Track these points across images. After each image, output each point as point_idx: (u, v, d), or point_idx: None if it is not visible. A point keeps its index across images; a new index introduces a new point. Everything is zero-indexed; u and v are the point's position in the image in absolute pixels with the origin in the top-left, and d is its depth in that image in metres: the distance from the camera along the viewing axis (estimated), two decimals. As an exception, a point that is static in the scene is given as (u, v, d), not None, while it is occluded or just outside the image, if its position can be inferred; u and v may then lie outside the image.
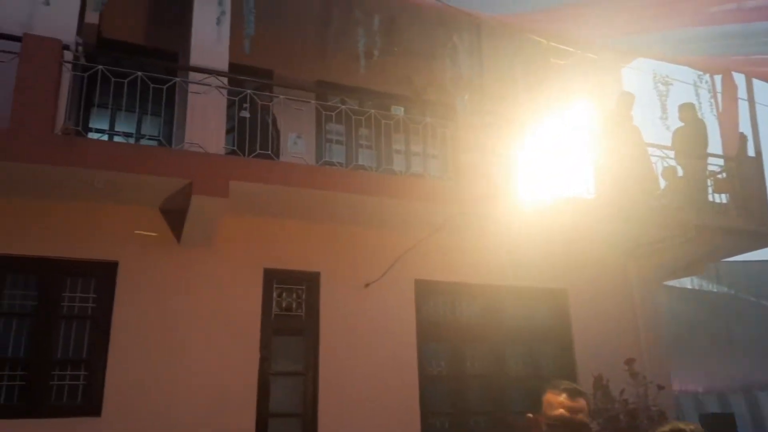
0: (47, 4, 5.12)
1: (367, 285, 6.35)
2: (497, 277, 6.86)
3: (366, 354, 6.16)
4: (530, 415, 2.32)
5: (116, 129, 6.72)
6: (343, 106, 6.43)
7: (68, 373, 5.26)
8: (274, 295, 6.19)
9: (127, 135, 6.68)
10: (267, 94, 6.33)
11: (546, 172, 6.54)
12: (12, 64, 5.06)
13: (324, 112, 6.53)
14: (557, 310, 7.27)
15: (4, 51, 5.10)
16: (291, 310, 6.25)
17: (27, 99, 4.98)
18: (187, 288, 5.71)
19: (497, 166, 6.43)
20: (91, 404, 5.19)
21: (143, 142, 6.86)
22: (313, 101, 6.89)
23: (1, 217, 5.23)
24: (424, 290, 6.65)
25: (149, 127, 6.97)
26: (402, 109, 7.93)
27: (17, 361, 5.14)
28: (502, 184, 6.39)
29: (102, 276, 5.50)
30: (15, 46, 5.14)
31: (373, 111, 6.42)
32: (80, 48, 5.45)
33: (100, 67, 5.39)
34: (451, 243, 6.57)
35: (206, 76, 5.86)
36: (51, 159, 4.92)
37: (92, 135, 6.59)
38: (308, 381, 6.00)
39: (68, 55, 5.38)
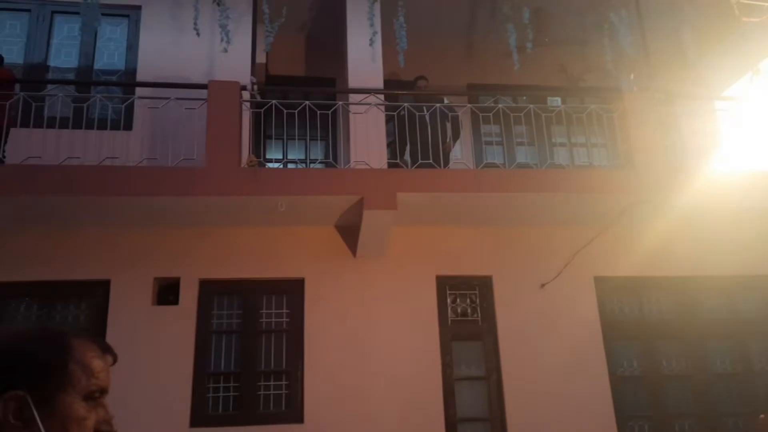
0: (225, 51, 5.70)
1: (542, 285, 6.15)
2: (688, 268, 6.26)
3: (550, 356, 5.95)
4: (763, 416, 2.07)
5: (289, 156, 7.27)
6: (499, 105, 6.33)
7: (272, 383, 5.74)
8: (449, 301, 6.24)
9: (300, 161, 7.20)
10: (422, 104, 6.43)
11: (735, 145, 5.86)
12: (200, 110, 5.71)
13: (480, 114, 6.48)
14: (766, 298, 6.45)
15: (193, 99, 5.76)
16: (466, 315, 6.25)
17: (217, 139, 5.58)
18: (366, 299, 5.96)
19: (675, 146, 5.90)
20: (294, 412, 5.60)
21: (313, 165, 7.34)
22: (467, 104, 6.90)
23: (205, 247, 5.88)
24: (606, 287, 6.27)
25: (316, 150, 7.45)
26: (558, 99, 7.64)
27: (230, 374, 5.72)
28: (683, 165, 5.86)
29: (292, 292, 5.95)
30: (202, 94, 5.79)
31: (531, 106, 6.24)
32: (255, 87, 5.97)
33: (274, 101, 5.88)
34: (631, 235, 6.13)
35: (365, 96, 6.12)
36: (241, 190, 5.45)
37: (270, 164, 7.20)
38: (492, 385, 5.94)
39: (245, 95, 5.94)
